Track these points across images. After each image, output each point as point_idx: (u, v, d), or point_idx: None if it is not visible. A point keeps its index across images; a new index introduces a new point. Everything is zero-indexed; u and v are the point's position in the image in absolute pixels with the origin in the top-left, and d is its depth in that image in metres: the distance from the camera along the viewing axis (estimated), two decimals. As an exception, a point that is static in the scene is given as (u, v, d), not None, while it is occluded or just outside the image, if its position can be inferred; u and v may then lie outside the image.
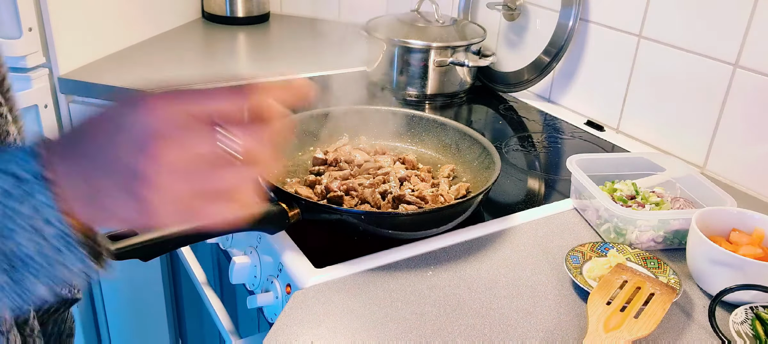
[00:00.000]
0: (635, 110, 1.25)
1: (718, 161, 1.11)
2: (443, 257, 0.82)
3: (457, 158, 1.04)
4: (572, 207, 0.97)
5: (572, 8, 1.30)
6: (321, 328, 0.68)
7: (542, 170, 1.14)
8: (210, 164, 0.39)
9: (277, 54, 1.73)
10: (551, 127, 1.31)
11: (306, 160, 1.03)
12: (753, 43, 1.02)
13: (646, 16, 1.19)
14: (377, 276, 0.77)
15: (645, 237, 0.85)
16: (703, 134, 1.12)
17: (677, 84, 1.15)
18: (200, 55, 1.68)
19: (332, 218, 0.81)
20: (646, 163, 1.02)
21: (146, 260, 0.66)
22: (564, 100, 1.41)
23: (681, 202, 0.91)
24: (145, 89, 0.39)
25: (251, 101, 0.40)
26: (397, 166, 0.99)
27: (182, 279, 1.46)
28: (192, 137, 0.39)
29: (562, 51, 1.33)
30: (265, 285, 0.83)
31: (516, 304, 0.74)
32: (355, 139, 1.08)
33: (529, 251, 0.84)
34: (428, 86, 1.42)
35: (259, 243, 0.86)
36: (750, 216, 0.82)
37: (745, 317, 0.70)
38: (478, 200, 0.86)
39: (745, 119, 1.05)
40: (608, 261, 0.80)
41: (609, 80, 1.29)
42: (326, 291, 0.73)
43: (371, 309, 0.71)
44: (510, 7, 1.45)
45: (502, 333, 0.69)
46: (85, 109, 1.46)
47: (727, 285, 0.71)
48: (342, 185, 0.90)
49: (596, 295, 0.71)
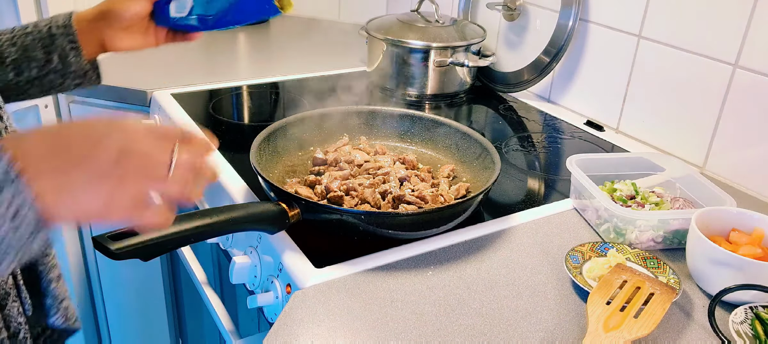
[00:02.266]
0: (635, 110, 1.25)
1: (717, 161, 1.11)
2: (443, 257, 0.82)
3: (457, 158, 1.04)
4: (572, 207, 0.97)
5: (572, 8, 1.30)
6: (321, 328, 0.68)
7: (542, 170, 1.14)
8: (163, 173, 0.50)
9: (277, 54, 1.73)
10: (551, 127, 1.31)
11: (306, 160, 1.03)
12: (753, 43, 1.02)
13: (646, 16, 1.19)
14: (377, 276, 0.77)
15: (645, 237, 0.85)
16: (702, 134, 1.12)
17: (677, 84, 1.15)
18: (200, 56, 1.68)
19: (332, 218, 0.81)
20: (645, 163, 1.02)
21: (146, 260, 0.66)
22: (564, 100, 1.41)
23: (681, 202, 0.91)
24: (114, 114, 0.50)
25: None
26: (397, 166, 0.99)
27: (182, 279, 1.46)
28: (153, 151, 0.49)
29: (562, 51, 1.34)
30: (265, 285, 0.83)
31: (516, 304, 0.74)
32: (355, 139, 1.08)
33: (529, 251, 0.84)
34: (428, 86, 1.42)
35: (259, 243, 0.86)
36: (749, 216, 0.82)
37: (744, 317, 0.70)
38: (478, 200, 0.86)
39: (745, 119, 1.05)
40: (608, 260, 0.80)
41: (609, 80, 1.29)
42: (326, 291, 0.74)
43: (371, 309, 0.71)
44: (510, 7, 1.45)
45: (502, 333, 0.69)
46: (85, 109, 1.46)
47: (726, 285, 0.71)
48: (342, 185, 0.90)
49: (596, 295, 0.71)
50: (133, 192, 0.48)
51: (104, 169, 0.47)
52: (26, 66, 0.82)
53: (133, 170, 0.48)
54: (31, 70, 0.82)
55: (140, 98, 1.37)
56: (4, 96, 0.84)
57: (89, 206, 0.47)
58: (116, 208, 0.48)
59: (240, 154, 1.08)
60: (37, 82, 0.84)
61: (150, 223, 0.50)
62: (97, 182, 0.47)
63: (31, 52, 0.82)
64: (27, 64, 0.82)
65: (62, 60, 0.82)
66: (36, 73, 0.82)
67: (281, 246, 0.81)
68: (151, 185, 0.49)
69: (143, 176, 0.49)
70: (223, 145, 1.12)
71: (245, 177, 1.00)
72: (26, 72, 0.82)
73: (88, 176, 0.46)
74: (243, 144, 1.09)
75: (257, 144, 0.93)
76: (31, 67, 0.82)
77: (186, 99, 1.32)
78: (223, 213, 0.72)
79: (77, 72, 0.84)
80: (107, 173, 0.47)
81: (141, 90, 1.36)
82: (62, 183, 0.46)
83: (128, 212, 0.49)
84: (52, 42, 0.81)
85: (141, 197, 0.49)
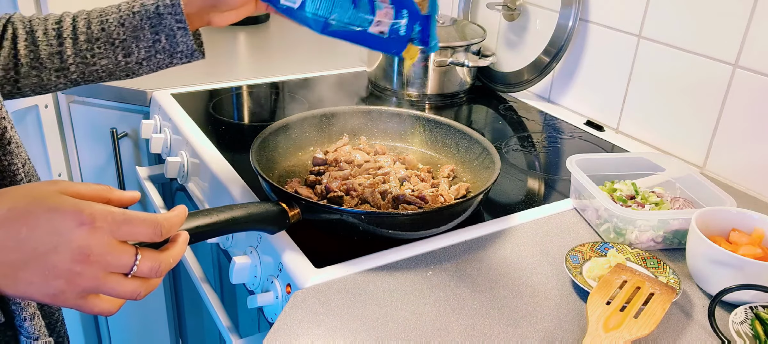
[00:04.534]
0: (635, 110, 1.25)
1: (717, 161, 1.11)
2: (443, 257, 0.82)
3: (457, 158, 1.04)
4: (572, 207, 0.97)
5: (572, 8, 1.30)
6: (321, 328, 0.68)
7: (542, 170, 1.14)
8: (118, 280, 0.50)
9: (277, 54, 1.73)
10: (551, 127, 1.31)
11: (306, 160, 1.03)
12: (753, 43, 1.02)
13: (646, 16, 1.19)
14: (377, 276, 0.77)
15: (645, 237, 0.85)
16: (702, 134, 1.12)
17: (677, 84, 1.15)
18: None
19: (332, 218, 0.81)
20: (645, 163, 1.02)
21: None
22: (564, 100, 1.41)
23: (681, 202, 0.91)
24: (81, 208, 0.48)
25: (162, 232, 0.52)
26: (397, 166, 0.99)
27: (182, 279, 1.46)
28: (113, 259, 0.49)
29: (562, 51, 1.34)
30: (265, 285, 0.83)
31: (516, 304, 0.74)
32: (355, 139, 1.08)
33: (529, 251, 0.84)
34: (428, 86, 1.42)
35: (259, 243, 0.86)
36: (750, 216, 0.82)
37: (744, 317, 0.70)
38: (478, 200, 0.86)
39: (745, 119, 1.05)
40: (608, 260, 0.80)
41: (609, 80, 1.29)
42: (326, 291, 0.74)
43: (371, 309, 0.71)
44: (510, 7, 1.45)
45: (502, 333, 0.69)
46: (85, 109, 1.46)
47: (726, 285, 0.71)
48: (342, 185, 0.90)
49: (596, 295, 0.71)
50: (84, 289, 0.49)
51: (59, 269, 0.47)
52: (135, 47, 0.82)
53: (89, 272, 0.48)
54: (139, 51, 0.82)
55: (140, 98, 1.37)
56: (114, 77, 0.85)
57: (38, 296, 0.49)
58: (64, 299, 0.49)
59: (240, 154, 1.08)
60: (146, 63, 0.84)
61: (98, 312, 0.51)
62: (49, 278, 0.47)
63: (139, 32, 0.81)
64: (136, 44, 0.82)
65: (170, 40, 0.82)
66: (144, 54, 0.83)
67: (281, 246, 0.81)
68: (104, 289, 0.50)
69: (98, 279, 0.49)
70: (223, 145, 1.12)
71: (245, 177, 1.00)
72: (135, 53, 0.82)
73: (41, 273, 0.47)
74: (243, 144, 1.09)
75: (257, 144, 0.93)
76: (140, 48, 0.82)
77: (186, 99, 1.32)
78: (223, 213, 0.72)
79: (185, 51, 0.84)
80: (62, 272, 0.47)
81: (141, 90, 1.36)
82: (14, 274, 0.47)
83: (76, 304, 0.50)
84: (160, 21, 0.81)
85: (92, 292, 0.50)
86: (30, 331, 0.64)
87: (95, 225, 0.48)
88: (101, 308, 0.51)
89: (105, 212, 0.48)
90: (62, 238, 0.47)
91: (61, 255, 0.47)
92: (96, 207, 0.48)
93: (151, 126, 1.30)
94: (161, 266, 0.52)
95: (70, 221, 0.47)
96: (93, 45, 0.81)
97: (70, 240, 0.47)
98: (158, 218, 0.51)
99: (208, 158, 1.06)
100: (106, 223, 0.48)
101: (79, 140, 1.53)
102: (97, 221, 0.48)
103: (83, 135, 1.51)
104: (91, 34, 0.81)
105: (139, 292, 0.52)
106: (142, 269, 0.51)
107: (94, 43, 0.81)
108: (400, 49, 0.78)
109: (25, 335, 0.65)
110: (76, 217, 0.47)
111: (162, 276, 0.53)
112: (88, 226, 0.47)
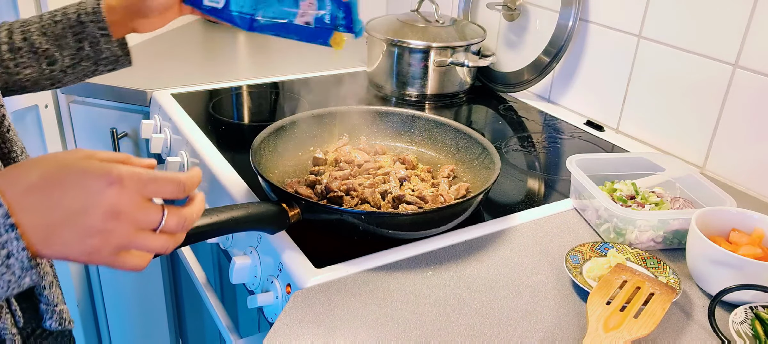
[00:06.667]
0: (635, 110, 1.25)
1: (717, 161, 1.11)
2: (443, 257, 0.82)
3: (457, 158, 1.04)
4: (572, 207, 0.97)
5: (572, 8, 1.30)
6: (321, 328, 0.68)
7: (542, 170, 1.14)
8: (148, 235, 0.52)
9: (277, 54, 1.73)
10: (551, 127, 1.31)
11: (306, 160, 1.03)
12: (753, 43, 1.02)
13: (645, 17, 1.19)
14: (377, 276, 0.77)
15: (645, 237, 0.85)
16: (702, 134, 1.12)
17: (677, 84, 1.15)
18: (200, 56, 1.68)
19: (332, 218, 0.81)
20: (645, 163, 1.02)
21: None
22: (564, 100, 1.41)
23: (681, 202, 0.91)
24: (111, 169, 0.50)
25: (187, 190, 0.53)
26: (397, 166, 0.99)
27: (182, 279, 1.46)
28: (142, 214, 0.51)
29: (562, 51, 1.34)
30: (265, 285, 0.83)
31: (516, 304, 0.74)
32: (355, 139, 1.08)
33: (529, 251, 0.84)
34: (428, 86, 1.42)
35: (259, 243, 0.86)
36: (750, 216, 0.82)
37: (744, 317, 0.70)
38: (478, 200, 0.86)
39: (745, 119, 1.05)
40: (608, 260, 0.80)
41: (609, 80, 1.29)
42: (326, 291, 0.74)
43: (371, 309, 0.71)
44: (510, 7, 1.45)
45: (502, 333, 0.69)
46: (85, 109, 1.46)
47: (726, 285, 0.71)
48: (342, 185, 0.90)
49: (596, 295, 0.71)
50: (117, 246, 0.51)
51: (93, 227, 0.49)
52: (59, 55, 0.82)
53: (121, 229, 0.50)
54: (64, 59, 0.82)
55: (140, 98, 1.37)
56: (39, 86, 0.86)
57: (74, 254, 0.51)
58: (99, 257, 0.51)
59: (240, 154, 1.08)
60: (71, 71, 0.84)
61: (130, 267, 0.53)
62: (84, 237, 0.49)
63: (62, 40, 0.82)
64: (59, 53, 0.82)
65: (93, 47, 0.83)
66: (68, 62, 0.83)
67: (281, 246, 0.81)
68: (135, 244, 0.52)
69: (129, 235, 0.51)
70: (223, 145, 1.12)
71: (245, 177, 1.00)
72: (59, 62, 0.82)
73: (76, 232, 0.49)
74: (243, 144, 1.09)
75: (257, 144, 0.93)
76: (64, 56, 0.82)
77: (186, 99, 1.32)
78: (223, 213, 0.72)
79: (109, 58, 0.85)
80: (96, 231, 0.49)
81: (141, 90, 1.36)
82: (51, 236, 0.49)
83: (110, 260, 0.52)
84: (83, 29, 0.81)
85: (124, 249, 0.52)
86: (49, 299, 0.67)
87: (124, 184, 0.49)
88: (133, 263, 0.53)
89: (132, 172, 0.50)
90: (93, 198, 0.49)
91: (93, 215, 0.49)
92: (123, 168, 0.50)
93: (151, 126, 1.30)
94: (186, 221, 0.54)
95: (100, 182, 0.49)
96: (15, 55, 0.81)
97: (100, 200, 0.49)
98: (181, 177, 0.53)
99: (208, 158, 1.06)
100: (133, 182, 0.50)
101: (79, 140, 1.53)
102: (125, 180, 0.49)
103: (83, 135, 1.51)
104: (13, 45, 0.81)
105: (168, 246, 0.54)
106: (169, 224, 0.53)
107: (16, 53, 0.81)
108: (327, 37, 0.80)
109: (45, 303, 0.67)
110: (106, 178, 0.49)
111: (186, 231, 0.56)
112: (117, 185, 0.49)
